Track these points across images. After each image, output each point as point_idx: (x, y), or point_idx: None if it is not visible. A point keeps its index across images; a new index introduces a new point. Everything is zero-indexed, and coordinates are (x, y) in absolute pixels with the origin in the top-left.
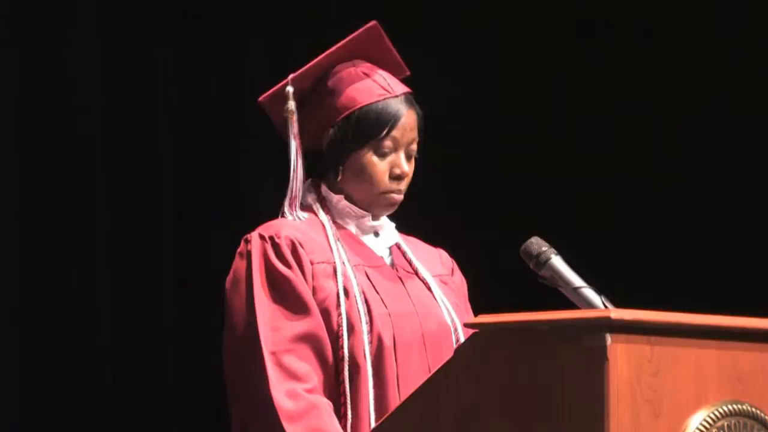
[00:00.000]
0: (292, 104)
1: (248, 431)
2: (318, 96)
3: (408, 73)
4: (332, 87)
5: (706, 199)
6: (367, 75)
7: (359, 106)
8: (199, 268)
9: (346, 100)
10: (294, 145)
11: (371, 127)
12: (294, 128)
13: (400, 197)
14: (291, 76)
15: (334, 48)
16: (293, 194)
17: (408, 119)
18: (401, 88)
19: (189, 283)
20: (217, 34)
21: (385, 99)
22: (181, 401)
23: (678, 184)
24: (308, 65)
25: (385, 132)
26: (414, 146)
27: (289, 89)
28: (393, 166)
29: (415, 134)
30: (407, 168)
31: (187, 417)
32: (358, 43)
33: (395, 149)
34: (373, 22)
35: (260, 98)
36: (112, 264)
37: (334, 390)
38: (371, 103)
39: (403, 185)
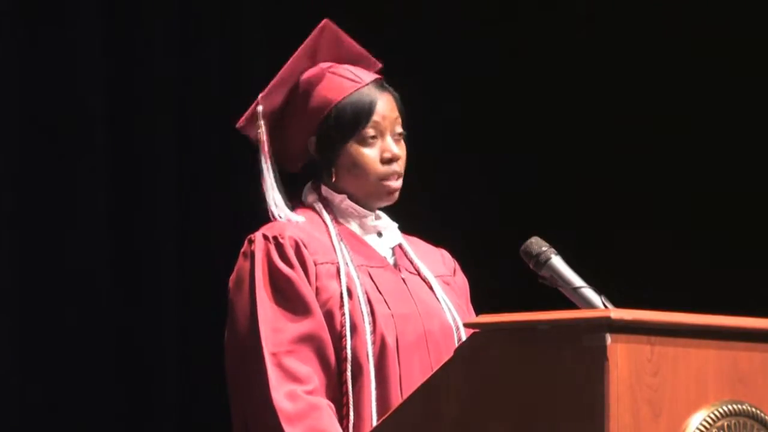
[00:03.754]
0: (261, 124)
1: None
2: (293, 107)
3: (379, 65)
4: (303, 94)
5: (708, 199)
6: (333, 73)
7: (333, 104)
8: (200, 269)
9: (320, 102)
10: (265, 167)
11: (349, 120)
12: (264, 147)
13: (397, 184)
14: (260, 95)
15: (293, 56)
16: (272, 212)
17: (384, 102)
18: (370, 76)
19: (190, 285)
20: (217, 34)
21: (356, 90)
22: (181, 402)
23: (678, 184)
24: (273, 81)
25: (364, 121)
26: (398, 127)
27: (260, 109)
28: (383, 151)
29: (395, 115)
30: (397, 150)
31: (187, 416)
32: (317, 45)
33: (380, 135)
34: (324, 21)
35: (237, 125)
36: (113, 265)
37: (336, 390)
38: (343, 98)
39: (398, 167)
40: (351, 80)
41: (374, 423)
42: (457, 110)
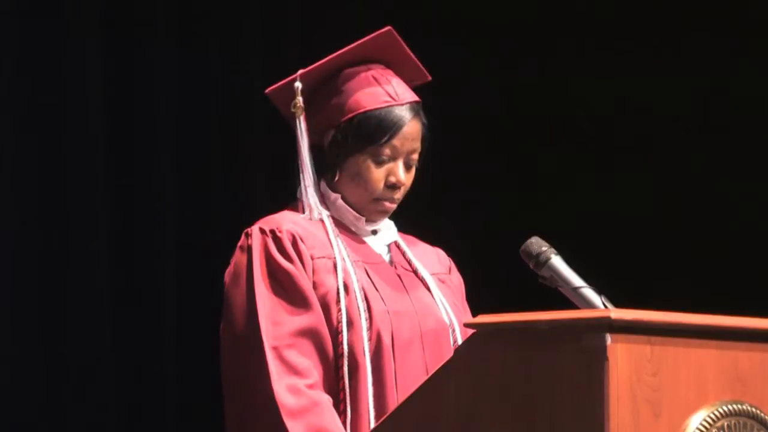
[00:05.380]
0: (300, 100)
1: (247, 427)
2: (325, 94)
3: (429, 78)
4: (339, 87)
5: (708, 200)
6: (376, 80)
7: (362, 110)
8: (197, 265)
9: (350, 103)
10: (304, 144)
11: (371, 132)
12: (302, 125)
13: (392, 206)
14: (300, 71)
15: (345, 49)
16: (306, 192)
17: (410, 129)
18: (409, 97)
19: (188, 279)
20: (216, 33)
21: (389, 106)
22: (180, 401)
23: (678, 185)
24: (319, 63)
25: (384, 139)
26: (415, 156)
27: (298, 85)
28: (389, 174)
29: (416, 144)
30: (404, 178)
31: (186, 416)
32: (371, 47)
33: (394, 158)
34: (387, 28)
35: (267, 90)
36: (112, 261)
37: (333, 386)
38: (374, 109)
39: (398, 194)
40: (389, 94)
41: (371, 419)
42: (456, 109)
